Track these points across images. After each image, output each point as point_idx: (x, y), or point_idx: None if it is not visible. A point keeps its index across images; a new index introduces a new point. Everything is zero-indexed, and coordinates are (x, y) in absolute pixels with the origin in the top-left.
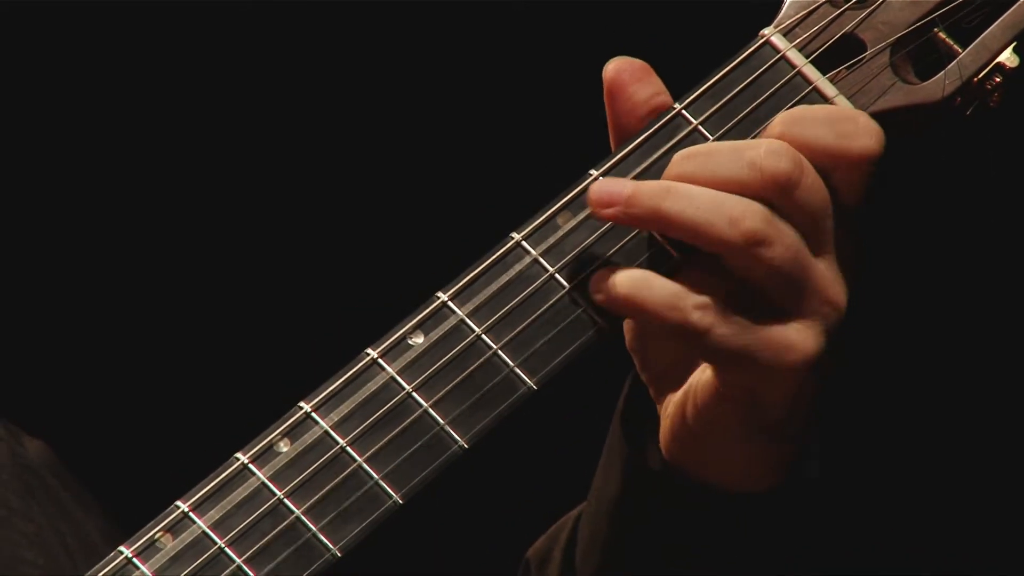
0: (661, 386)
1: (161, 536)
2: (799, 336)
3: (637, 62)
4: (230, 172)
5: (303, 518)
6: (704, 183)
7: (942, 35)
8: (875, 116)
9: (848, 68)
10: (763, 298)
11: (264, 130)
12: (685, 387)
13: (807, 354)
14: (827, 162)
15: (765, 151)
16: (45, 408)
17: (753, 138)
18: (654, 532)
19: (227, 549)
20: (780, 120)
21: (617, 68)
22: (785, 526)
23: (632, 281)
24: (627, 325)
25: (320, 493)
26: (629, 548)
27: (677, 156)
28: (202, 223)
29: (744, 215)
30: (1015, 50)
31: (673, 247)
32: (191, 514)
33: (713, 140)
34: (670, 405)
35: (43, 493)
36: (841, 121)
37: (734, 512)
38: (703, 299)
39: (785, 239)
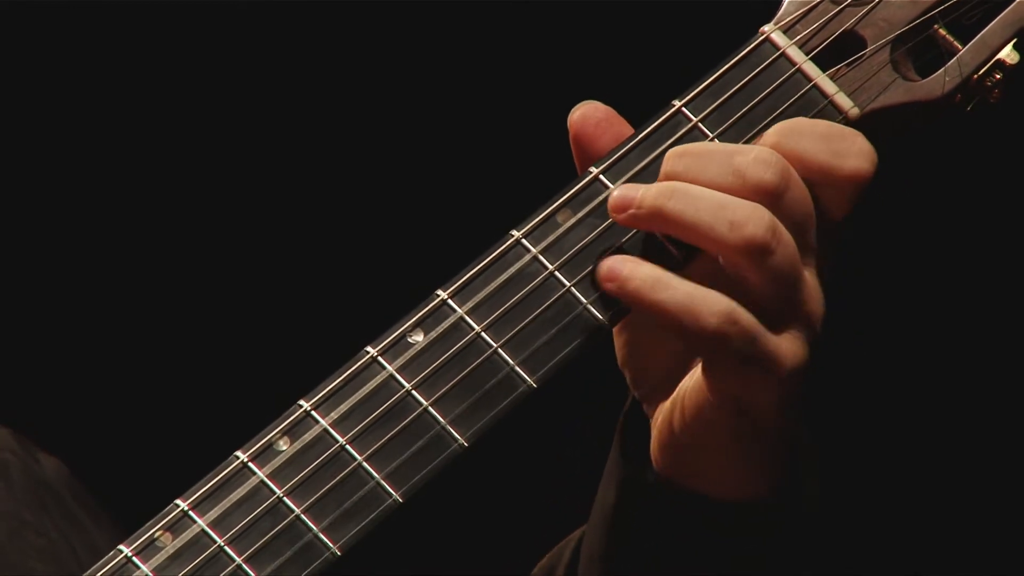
0: (653, 401)
1: (161, 535)
2: (791, 345)
3: (602, 108)
4: (230, 172)
5: (303, 517)
6: (692, 183)
7: (942, 32)
8: (875, 113)
9: (848, 65)
10: (756, 305)
11: (264, 130)
12: (672, 397)
13: (799, 363)
14: (818, 177)
15: (753, 159)
16: (46, 406)
17: (750, 141)
18: (648, 544)
19: (227, 548)
20: (776, 129)
21: (583, 116)
22: (782, 534)
23: (652, 281)
24: (619, 342)
25: (320, 492)
26: (625, 561)
27: (670, 153)
28: (202, 222)
29: (747, 220)
30: (1015, 47)
31: (674, 247)
32: (191, 513)
33: (712, 137)
34: (658, 417)
35: (56, 508)
36: (837, 138)
37: (729, 522)
38: (722, 304)
39: (785, 247)
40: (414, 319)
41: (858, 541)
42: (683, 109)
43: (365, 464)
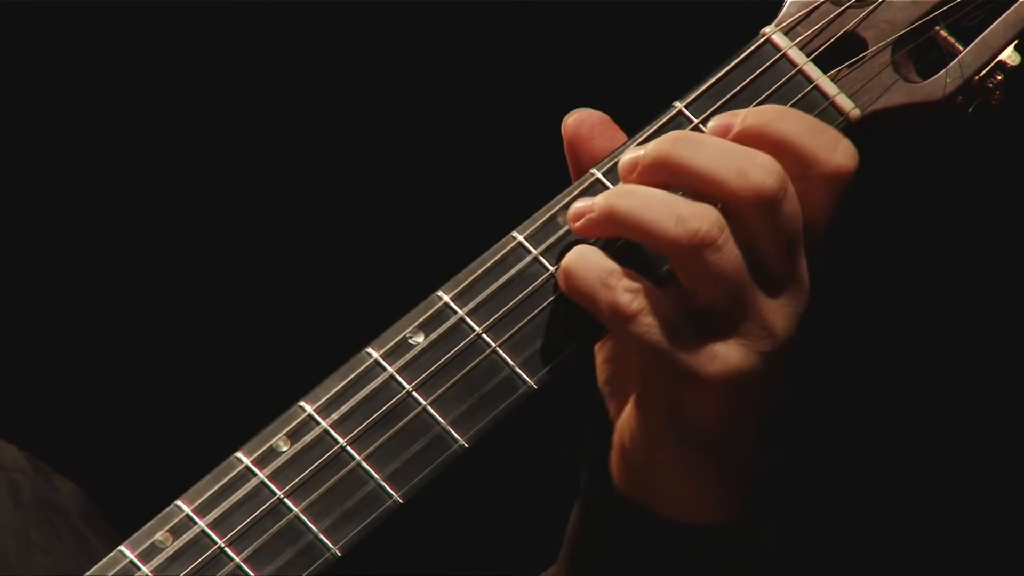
0: None
1: (161, 536)
2: (724, 349)
3: (596, 114)
4: (229, 172)
5: (303, 517)
6: (687, 171)
7: (943, 33)
8: (876, 114)
9: (849, 66)
10: (703, 310)
11: (263, 129)
12: (625, 410)
13: (728, 368)
14: (799, 168)
15: (758, 163)
16: (47, 407)
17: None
18: (606, 562)
19: (227, 549)
20: (766, 108)
21: (577, 121)
22: (745, 559)
23: (572, 254)
24: (599, 359)
25: (320, 492)
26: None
27: (669, 135)
28: (201, 223)
29: (693, 216)
30: (1016, 48)
31: None
32: (191, 514)
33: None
34: (615, 433)
35: (65, 529)
36: (825, 133)
37: (687, 543)
38: (637, 284)
39: (732, 248)
40: (415, 320)
41: (840, 555)
42: (684, 110)
43: (365, 465)
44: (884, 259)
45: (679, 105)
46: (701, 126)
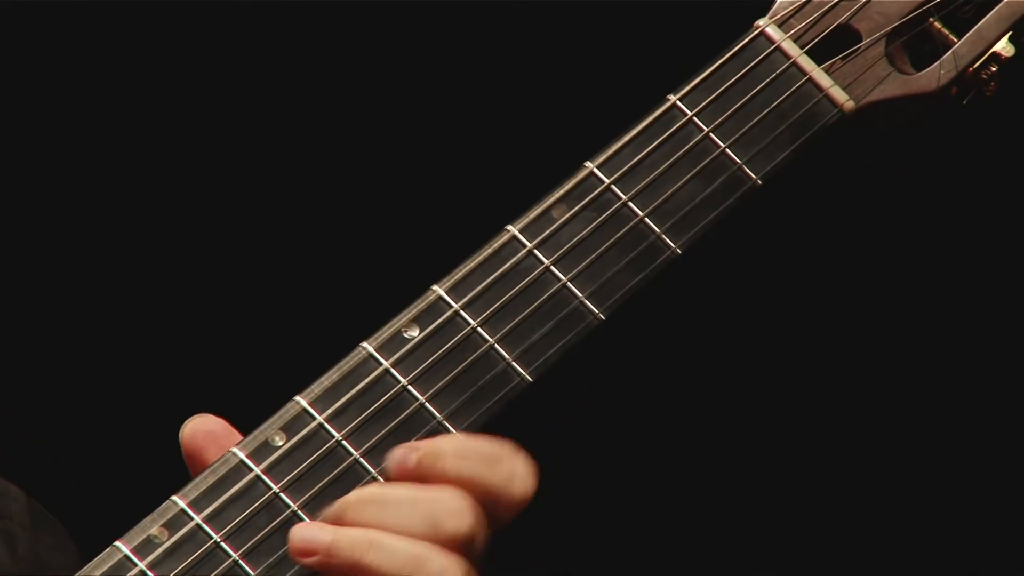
0: None
1: (156, 531)
2: None
3: (210, 421)
4: (224, 166)
5: (300, 513)
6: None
7: (937, 25)
8: (871, 106)
9: (843, 59)
10: None
11: (260, 123)
12: None
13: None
14: (487, 500)
15: (446, 510)
16: (43, 402)
17: (745, 135)
18: None
19: (223, 543)
20: (447, 450)
21: (192, 431)
22: None
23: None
24: None
25: (316, 487)
26: None
27: (353, 498)
28: (196, 218)
29: (443, 571)
30: (1011, 39)
31: (672, 240)
32: (186, 508)
33: (708, 131)
34: None
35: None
36: (500, 464)
37: None
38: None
39: None
40: (410, 315)
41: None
42: (678, 103)
43: (361, 460)
44: (879, 251)
45: (673, 98)
46: (695, 119)
